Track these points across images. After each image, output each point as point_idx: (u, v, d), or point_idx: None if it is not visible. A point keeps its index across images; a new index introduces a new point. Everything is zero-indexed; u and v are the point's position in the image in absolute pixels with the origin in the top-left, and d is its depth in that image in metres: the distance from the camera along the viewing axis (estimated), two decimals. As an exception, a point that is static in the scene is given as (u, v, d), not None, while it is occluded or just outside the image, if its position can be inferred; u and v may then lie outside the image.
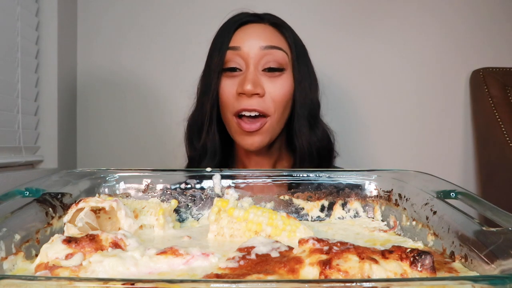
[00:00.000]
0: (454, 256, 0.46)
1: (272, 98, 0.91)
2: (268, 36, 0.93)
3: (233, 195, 0.66)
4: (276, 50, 0.92)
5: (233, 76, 0.92)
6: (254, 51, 0.91)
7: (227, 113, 0.93)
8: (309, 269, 0.38)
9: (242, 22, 0.95)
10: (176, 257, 0.43)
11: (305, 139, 0.94)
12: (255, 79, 0.89)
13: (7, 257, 0.44)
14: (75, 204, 0.54)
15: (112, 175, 0.68)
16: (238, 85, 0.90)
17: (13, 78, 1.17)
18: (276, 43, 0.93)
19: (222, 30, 0.96)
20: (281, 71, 0.93)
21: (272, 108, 0.91)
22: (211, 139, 0.95)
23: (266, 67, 0.92)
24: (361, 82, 1.51)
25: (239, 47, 0.91)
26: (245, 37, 0.92)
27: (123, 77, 1.50)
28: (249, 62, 0.91)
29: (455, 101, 1.50)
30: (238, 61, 0.92)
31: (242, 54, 0.91)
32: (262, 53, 0.91)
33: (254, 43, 0.91)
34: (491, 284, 0.32)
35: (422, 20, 1.50)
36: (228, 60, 0.92)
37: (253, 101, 0.89)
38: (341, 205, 0.68)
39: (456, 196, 0.55)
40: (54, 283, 0.34)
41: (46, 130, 1.32)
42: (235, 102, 0.91)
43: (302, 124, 0.95)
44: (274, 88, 0.91)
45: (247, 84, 0.88)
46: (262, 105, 0.90)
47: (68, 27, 1.42)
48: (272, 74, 0.92)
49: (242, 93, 0.89)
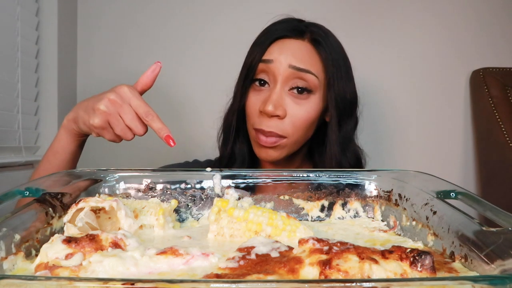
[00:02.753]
0: (454, 256, 0.46)
1: (293, 121, 0.89)
2: (302, 57, 0.89)
3: (233, 195, 0.66)
4: (306, 74, 0.89)
5: (260, 90, 0.92)
6: (284, 68, 0.88)
7: (248, 123, 0.95)
8: (309, 269, 0.38)
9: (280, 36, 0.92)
10: (176, 257, 0.43)
11: (335, 162, 0.92)
12: (279, 100, 0.88)
13: (7, 257, 0.44)
14: (75, 204, 0.54)
15: (112, 175, 0.68)
16: (261, 102, 0.90)
17: (13, 78, 1.17)
18: (308, 66, 0.89)
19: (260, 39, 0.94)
20: (309, 93, 0.90)
21: (290, 130, 0.89)
22: (238, 147, 0.97)
23: (294, 86, 0.89)
24: (360, 82, 1.50)
25: (271, 61, 0.89)
26: (279, 51, 0.90)
27: (123, 77, 1.50)
28: (277, 79, 0.89)
29: (455, 101, 1.50)
30: (267, 75, 0.91)
31: (272, 69, 0.89)
32: (291, 73, 0.88)
33: (286, 60, 0.88)
34: (491, 284, 0.32)
35: (422, 20, 1.50)
36: (258, 72, 0.91)
37: (272, 123, 0.88)
38: (341, 205, 0.68)
39: (456, 196, 0.55)
40: (54, 283, 0.34)
41: (46, 130, 1.32)
42: (256, 118, 0.91)
43: (334, 150, 0.92)
44: (298, 111, 0.89)
45: (269, 105, 0.87)
46: (280, 127, 0.89)
47: (68, 27, 1.42)
48: (299, 96, 0.90)
49: (263, 112, 0.89)
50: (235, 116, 0.95)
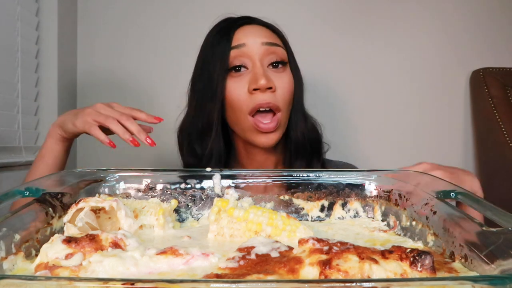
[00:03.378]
0: (454, 256, 0.46)
1: (282, 93, 0.92)
2: (267, 34, 0.95)
3: (233, 195, 0.66)
4: (277, 47, 0.94)
5: (239, 75, 0.92)
6: (258, 46, 0.92)
7: (239, 114, 0.92)
8: (309, 269, 0.38)
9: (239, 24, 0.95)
10: (176, 257, 0.43)
11: (300, 131, 0.97)
12: (266, 73, 0.90)
13: (7, 257, 0.44)
14: (75, 204, 0.54)
15: (112, 175, 0.68)
16: (250, 82, 0.90)
17: (13, 78, 1.17)
18: (275, 40, 0.95)
19: (220, 33, 0.96)
20: (284, 65, 0.95)
21: (281, 103, 0.92)
22: (216, 144, 0.94)
23: (270, 62, 0.93)
24: (360, 82, 1.51)
25: (244, 44, 0.92)
26: (247, 35, 0.93)
27: (123, 76, 1.50)
28: (254, 58, 0.91)
29: (455, 101, 1.50)
30: (242, 59, 0.92)
31: (247, 51, 0.91)
32: (265, 49, 0.92)
33: (257, 40, 0.92)
34: (491, 284, 0.32)
35: (422, 20, 1.50)
36: (232, 59, 0.92)
37: (267, 96, 0.89)
38: (341, 205, 0.68)
39: (456, 196, 0.55)
40: (54, 283, 0.34)
41: (46, 130, 1.32)
42: (248, 100, 0.90)
43: (299, 118, 0.97)
44: (282, 83, 0.92)
45: (261, 79, 0.88)
46: (274, 99, 0.90)
47: (68, 27, 1.42)
48: (277, 69, 0.93)
49: (256, 88, 0.89)
50: (215, 108, 0.92)
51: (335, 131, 1.43)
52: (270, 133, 0.91)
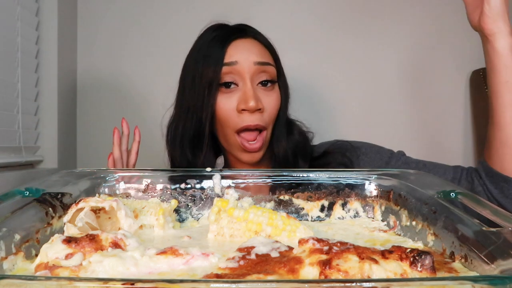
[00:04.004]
0: (454, 256, 0.46)
1: (269, 113, 0.94)
2: (259, 52, 0.95)
3: (233, 195, 0.66)
4: (268, 66, 0.94)
5: (229, 92, 0.93)
6: (249, 66, 0.92)
7: (226, 130, 0.93)
8: (309, 269, 0.38)
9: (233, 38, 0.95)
10: (176, 257, 0.43)
11: (282, 146, 0.97)
12: (256, 94, 0.91)
13: (7, 257, 0.44)
14: (75, 204, 0.54)
15: (112, 175, 0.68)
16: (239, 101, 0.91)
17: (13, 78, 1.17)
18: (267, 59, 0.95)
19: (213, 44, 0.95)
20: (272, 84, 0.96)
21: (268, 121, 0.94)
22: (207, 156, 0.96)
23: (260, 80, 0.94)
24: (360, 82, 1.51)
25: (236, 62, 0.92)
26: (239, 52, 0.93)
27: (123, 77, 1.50)
28: (245, 77, 0.92)
29: (455, 101, 1.50)
30: (233, 76, 0.92)
31: (238, 69, 0.92)
32: (256, 68, 0.92)
33: (248, 58, 0.92)
34: (491, 284, 0.32)
35: (422, 20, 1.50)
36: (223, 75, 0.92)
37: (255, 117, 0.91)
38: (341, 205, 0.68)
39: (456, 196, 0.55)
40: (54, 283, 0.34)
41: (46, 130, 1.32)
42: (236, 119, 0.91)
43: (280, 133, 0.98)
44: (270, 102, 0.94)
45: (251, 101, 0.89)
46: (261, 119, 0.92)
47: (68, 27, 1.42)
48: (266, 87, 0.94)
49: (245, 109, 0.90)
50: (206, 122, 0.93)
51: (334, 131, 1.43)
52: (255, 153, 0.93)
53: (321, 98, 1.46)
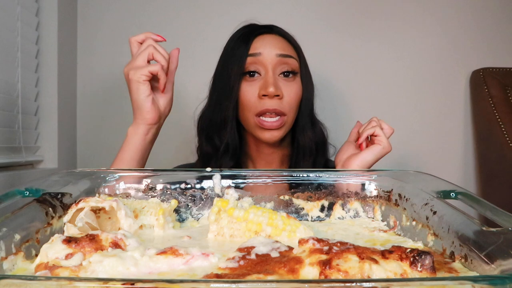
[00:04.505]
0: (454, 256, 0.46)
1: (288, 101, 1.01)
2: (282, 46, 1.04)
3: (233, 195, 0.66)
4: (290, 58, 1.02)
5: (253, 80, 1.02)
6: (272, 57, 1.01)
7: (247, 113, 1.02)
8: (309, 269, 0.38)
9: (258, 33, 1.04)
10: (176, 257, 0.43)
11: (307, 135, 1.06)
12: (276, 82, 1.00)
13: (7, 257, 0.44)
14: (75, 204, 0.54)
15: (112, 175, 0.68)
16: (260, 88, 1.00)
17: (13, 78, 1.17)
18: (289, 52, 1.04)
19: (240, 39, 1.05)
20: (294, 75, 1.04)
21: (287, 108, 1.01)
22: (232, 138, 1.03)
23: (282, 71, 1.02)
24: (360, 82, 1.51)
25: (260, 53, 1.01)
26: (263, 45, 1.02)
27: (123, 77, 1.49)
28: (267, 67, 1.00)
29: (455, 101, 1.50)
30: (257, 66, 1.01)
31: (262, 60, 1.01)
32: (278, 60, 1.01)
33: (272, 51, 1.01)
34: (491, 284, 0.32)
35: (422, 20, 1.50)
36: (248, 65, 1.01)
37: (274, 102, 0.99)
38: (341, 205, 0.68)
39: (456, 196, 0.55)
40: (54, 283, 0.34)
41: (46, 130, 1.32)
42: (257, 103, 1.00)
43: (306, 123, 1.07)
44: (290, 92, 1.01)
45: (270, 87, 0.98)
46: (280, 106, 0.99)
47: (68, 27, 1.42)
48: (287, 78, 1.02)
49: (265, 94, 0.98)
50: (231, 105, 1.02)
51: (335, 131, 1.43)
52: (273, 130, 1.00)
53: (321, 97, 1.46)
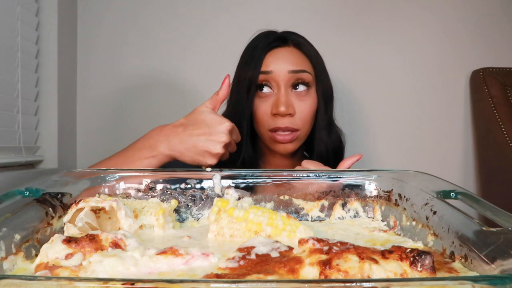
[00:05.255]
0: (454, 256, 0.46)
1: (301, 117, 1.02)
2: (295, 61, 1.03)
3: (233, 195, 0.66)
4: (302, 73, 1.02)
5: (265, 96, 1.02)
6: (284, 74, 1.01)
7: (261, 128, 1.04)
8: (309, 269, 0.38)
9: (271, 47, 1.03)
10: (176, 257, 0.43)
11: (323, 145, 1.07)
12: (288, 101, 1.00)
13: (7, 257, 0.44)
14: (75, 204, 0.54)
15: (112, 175, 0.68)
16: (272, 106, 1.01)
17: (13, 78, 1.17)
18: (302, 67, 1.03)
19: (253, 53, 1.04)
20: (307, 88, 1.03)
21: (300, 124, 1.02)
22: (248, 152, 1.05)
23: (294, 84, 1.02)
24: (361, 82, 1.51)
25: (271, 72, 1.01)
26: (275, 61, 1.02)
27: (123, 76, 1.50)
28: (280, 84, 1.01)
29: (455, 101, 1.50)
30: (269, 82, 1.02)
31: (274, 78, 1.01)
32: (291, 77, 1.01)
33: (284, 68, 1.01)
34: (491, 284, 0.32)
35: (422, 20, 1.50)
36: (260, 81, 1.02)
37: (286, 120, 1.00)
38: (341, 205, 0.68)
39: (456, 196, 0.55)
40: (54, 283, 0.34)
41: (46, 130, 1.32)
42: (270, 120, 1.01)
43: (323, 133, 1.07)
44: (303, 107, 1.02)
45: (281, 106, 0.98)
46: (293, 123, 1.00)
47: (68, 27, 1.42)
48: (300, 93, 1.02)
49: (276, 113, 0.99)
50: (245, 122, 1.03)
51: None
52: (286, 144, 1.02)
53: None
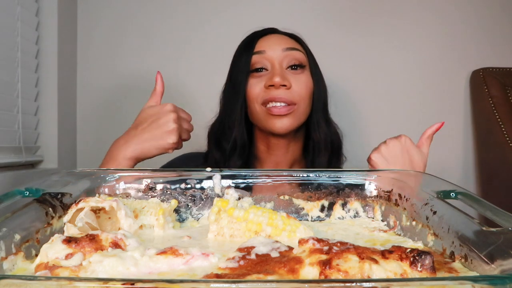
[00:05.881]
0: (454, 256, 0.46)
1: (297, 91, 0.99)
2: (287, 42, 1.04)
3: (233, 195, 0.66)
4: (295, 51, 1.02)
5: (260, 75, 1.01)
6: (277, 52, 1.01)
7: (254, 105, 1.00)
8: (309, 269, 0.38)
9: (264, 33, 1.05)
10: (176, 257, 0.43)
11: (322, 130, 1.04)
12: (283, 73, 0.99)
13: (7, 257, 0.44)
14: (75, 204, 0.54)
15: (112, 175, 0.67)
16: (266, 80, 0.99)
17: (13, 78, 1.17)
18: (296, 46, 1.04)
19: (246, 41, 1.06)
20: (302, 68, 1.02)
21: (297, 98, 0.99)
22: (240, 135, 1.02)
23: (289, 65, 1.01)
24: (361, 82, 1.51)
25: (264, 51, 1.01)
26: (268, 43, 1.03)
27: (123, 76, 1.50)
28: (274, 62, 1.00)
29: (455, 101, 1.50)
30: (263, 62, 1.01)
31: (267, 57, 1.01)
32: (284, 54, 1.01)
33: (277, 47, 1.01)
34: (491, 284, 0.32)
35: (422, 20, 1.50)
36: (254, 62, 1.01)
37: (281, 92, 0.97)
38: (341, 205, 0.68)
39: (456, 196, 0.55)
40: (54, 283, 0.34)
41: (46, 130, 1.32)
42: (263, 94, 0.99)
43: (320, 117, 1.04)
44: (299, 83, 1.00)
45: (276, 77, 0.97)
46: (289, 95, 0.98)
47: (68, 27, 1.42)
48: (295, 71, 1.01)
49: (271, 85, 0.97)
50: (238, 102, 1.01)
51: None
52: (283, 118, 0.97)
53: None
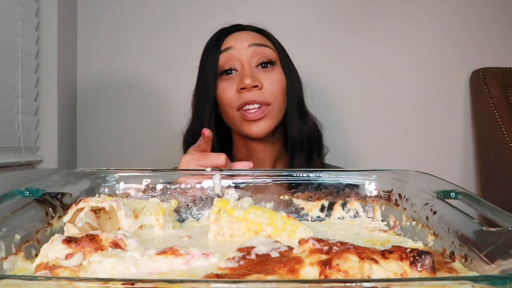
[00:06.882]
0: (454, 256, 0.46)
1: (270, 90, 0.96)
2: (255, 37, 1.00)
3: (233, 195, 0.66)
4: (264, 47, 0.99)
5: (230, 78, 0.98)
6: (245, 48, 0.97)
7: (229, 111, 0.97)
8: (309, 269, 0.38)
9: (230, 31, 1.01)
10: (176, 257, 0.43)
11: (296, 128, 1.00)
12: (253, 73, 0.95)
13: (7, 257, 0.44)
14: (75, 204, 0.54)
15: (112, 175, 0.68)
16: (237, 82, 0.95)
17: (13, 78, 1.17)
18: (264, 42, 1.00)
19: (213, 39, 1.03)
20: (272, 64, 0.99)
21: (271, 97, 0.96)
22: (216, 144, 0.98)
23: (258, 62, 0.98)
24: (361, 82, 1.51)
25: (231, 47, 0.97)
26: (235, 39, 0.99)
27: (123, 77, 1.50)
28: (242, 60, 0.97)
29: (455, 101, 1.50)
30: (232, 62, 0.97)
31: (234, 54, 0.97)
32: (252, 50, 0.97)
33: (244, 43, 0.98)
34: (491, 284, 0.32)
35: (422, 20, 1.50)
36: (223, 63, 0.98)
37: (253, 94, 0.94)
38: (341, 205, 0.68)
39: (456, 196, 0.55)
40: (54, 283, 0.34)
41: (46, 130, 1.32)
42: (236, 98, 0.96)
43: (294, 114, 1.01)
44: (270, 81, 0.97)
45: (246, 79, 0.93)
46: (261, 96, 0.95)
47: (68, 27, 1.42)
48: (266, 69, 0.98)
49: (243, 88, 0.94)
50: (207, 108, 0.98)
51: (334, 131, 1.43)
52: (259, 122, 0.95)
53: (321, 96, 1.46)
